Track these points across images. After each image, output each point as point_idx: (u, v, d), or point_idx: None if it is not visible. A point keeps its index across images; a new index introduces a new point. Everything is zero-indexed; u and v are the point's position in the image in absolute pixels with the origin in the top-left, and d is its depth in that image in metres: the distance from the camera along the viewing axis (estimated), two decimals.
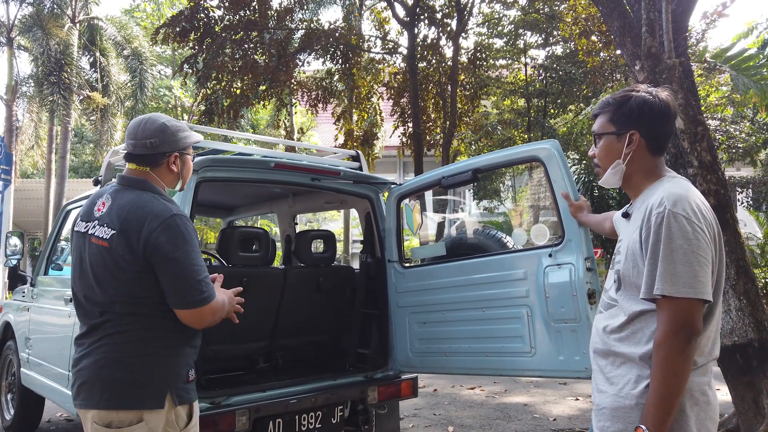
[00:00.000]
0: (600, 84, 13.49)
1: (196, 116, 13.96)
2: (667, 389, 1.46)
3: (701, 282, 1.48)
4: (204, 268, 1.86)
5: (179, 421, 1.84)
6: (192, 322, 1.87)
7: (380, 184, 3.88)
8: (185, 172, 2.06)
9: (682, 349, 1.46)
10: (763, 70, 4.40)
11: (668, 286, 1.48)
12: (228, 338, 3.53)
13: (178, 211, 1.87)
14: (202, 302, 1.82)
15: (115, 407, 1.78)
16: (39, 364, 4.14)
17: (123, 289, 1.83)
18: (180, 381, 1.86)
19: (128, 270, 1.81)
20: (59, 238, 4.62)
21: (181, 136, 2.01)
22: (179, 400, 1.84)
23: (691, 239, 1.49)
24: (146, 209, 1.84)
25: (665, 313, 1.49)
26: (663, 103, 1.67)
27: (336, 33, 11.91)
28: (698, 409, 1.54)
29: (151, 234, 1.79)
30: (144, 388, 1.80)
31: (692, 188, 1.64)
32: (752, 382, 3.85)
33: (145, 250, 1.79)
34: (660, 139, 1.70)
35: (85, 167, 26.86)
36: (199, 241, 1.92)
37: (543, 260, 2.93)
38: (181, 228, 1.82)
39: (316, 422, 3.28)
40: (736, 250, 4.01)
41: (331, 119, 15.23)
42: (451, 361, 3.40)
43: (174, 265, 1.79)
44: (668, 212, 1.51)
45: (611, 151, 1.72)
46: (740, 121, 15.05)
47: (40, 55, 16.17)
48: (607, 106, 1.74)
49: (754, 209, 16.26)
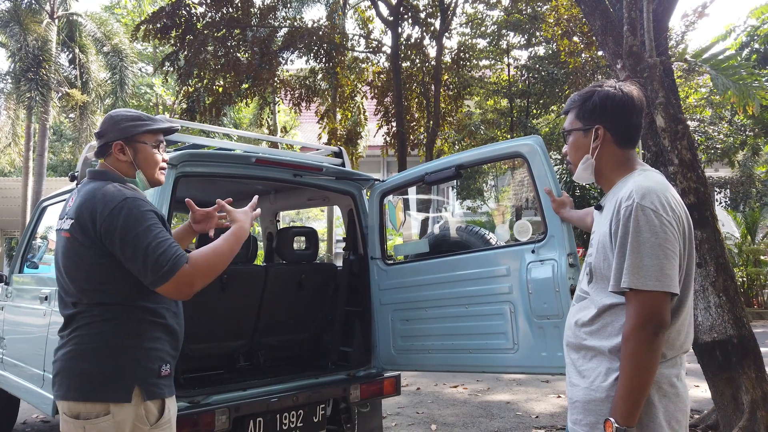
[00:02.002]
0: (582, 84, 13.59)
1: (177, 114, 13.80)
2: (635, 382, 1.47)
3: (668, 275, 1.48)
4: (164, 241, 1.79)
5: (149, 416, 1.81)
6: (176, 295, 1.83)
7: (363, 180, 3.85)
8: (142, 161, 2.00)
9: (650, 342, 1.46)
10: (742, 71, 4.44)
11: (635, 279, 1.48)
12: (208, 336, 3.47)
13: (131, 195, 1.86)
14: (168, 274, 1.76)
15: (82, 399, 1.78)
16: (14, 364, 4.05)
17: (87, 278, 1.83)
18: (151, 375, 1.83)
19: (88, 256, 1.82)
20: (35, 235, 4.52)
21: (128, 124, 1.97)
22: (149, 395, 1.81)
23: (658, 232, 1.49)
24: (99, 196, 1.84)
25: (633, 307, 1.49)
26: (626, 95, 1.67)
27: (319, 31, 11.85)
28: (667, 401, 1.54)
29: (105, 219, 1.79)
30: (111, 381, 1.78)
31: (663, 181, 1.63)
32: (731, 378, 3.90)
33: (101, 236, 1.80)
34: (626, 132, 1.70)
35: (64, 165, 26.44)
36: (160, 219, 1.88)
37: (526, 256, 2.92)
38: (133, 210, 1.81)
39: (297, 421, 3.24)
40: (716, 248, 4.06)
41: (315, 118, 15.16)
42: (434, 358, 3.38)
43: (131, 247, 1.77)
44: (636, 205, 1.51)
45: (580, 146, 1.74)
46: (718, 123, 15.30)
47: (18, 51, 15.89)
48: (573, 103, 1.76)
49: (731, 209, 16.55)
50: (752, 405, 3.80)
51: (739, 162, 16.69)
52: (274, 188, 4.57)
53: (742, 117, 12.57)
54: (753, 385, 3.84)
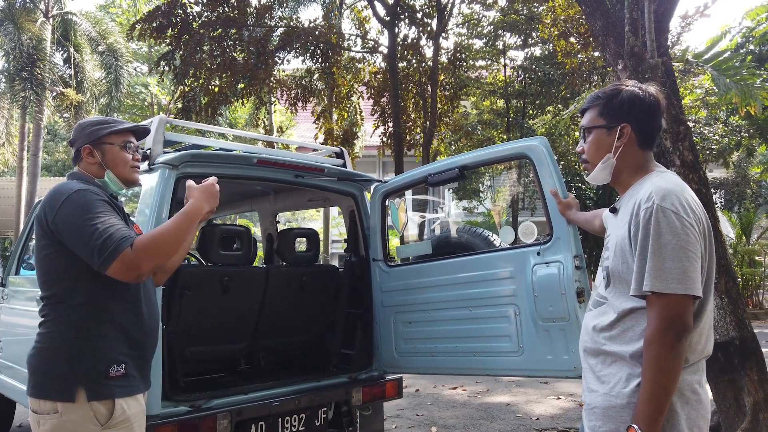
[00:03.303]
0: (578, 85, 13.61)
1: (173, 114, 13.73)
2: (658, 387, 1.44)
3: (691, 278, 1.45)
4: (112, 226, 1.82)
5: (99, 416, 1.83)
6: (124, 277, 1.82)
7: (365, 181, 3.82)
8: (110, 162, 2.06)
9: (673, 346, 1.44)
10: (743, 71, 4.44)
11: (657, 282, 1.45)
12: (208, 339, 3.44)
13: (83, 187, 1.92)
14: (110, 258, 1.77)
15: (35, 395, 1.87)
16: (10, 367, 4.00)
17: (42, 272, 1.93)
18: (96, 376, 1.85)
19: (40, 249, 1.91)
20: (31, 236, 4.47)
21: (92, 129, 2.06)
22: (94, 395, 1.83)
23: (680, 234, 1.47)
24: (53, 191, 1.93)
25: (655, 310, 1.47)
26: (653, 97, 1.67)
27: (316, 31, 11.82)
28: (689, 408, 1.52)
29: (57, 209, 1.86)
30: (56, 381, 1.84)
31: (681, 182, 1.62)
32: (733, 380, 3.88)
33: (52, 227, 1.87)
34: (650, 133, 1.69)
35: (58, 165, 26.28)
36: (115, 209, 1.93)
37: (531, 258, 2.90)
38: (82, 200, 1.87)
39: (299, 425, 3.21)
40: (717, 249, 4.02)
41: (311, 118, 15.11)
42: (438, 361, 3.35)
43: (76, 233, 1.83)
44: (657, 207, 1.49)
45: (601, 145, 1.70)
46: (714, 123, 15.34)
47: (12, 50, 15.76)
48: (597, 100, 1.72)
49: (726, 210, 16.61)
50: (755, 407, 3.79)
51: (734, 163, 16.74)
52: (274, 189, 4.53)
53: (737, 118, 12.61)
54: (755, 387, 3.83)
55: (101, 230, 1.80)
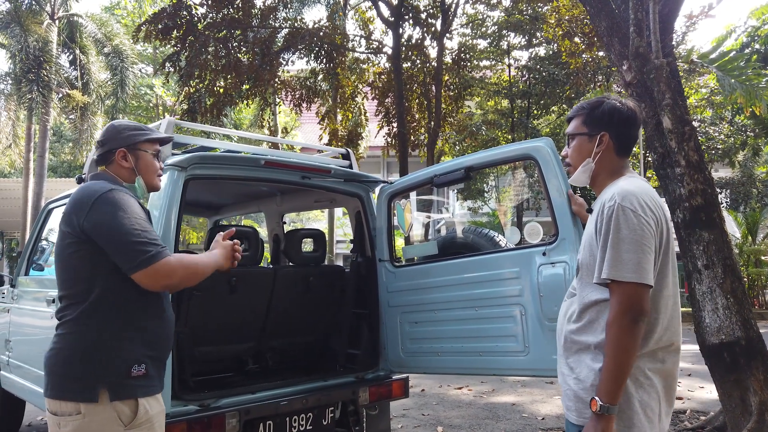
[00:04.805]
0: (583, 85, 13.60)
1: (178, 115, 13.79)
2: (617, 363, 1.62)
3: (644, 268, 1.63)
4: (149, 232, 1.87)
5: (122, 416, 1.83)
6: (149, 285, 1.86)
7: (371, 182, 3.84)
8: (143, 168, 2.10)
9: (630, 328, 1.61)
10: (748, 71, 4.45)
11: (614, 271, 1.64)
12: (216, 339, 3.46)
13: (116, 188, 1.94)
14: (146, 262, 1.81)
15: (56, 397, 1.85)
16: (19, 366, 4.04)
17: (66, 272, 1.91)
18: (118, 376, 1.85)
19: (67, 249, 1.90)
20: (41, 237, 4.51)
21: (130, 133, 2.09)
22: (116, 396, 1.83)
23: (636, 230, 1.65)
24: (86, 190, 1.93)
25: (614, 297, 1.65)
26: (631, 110, 1.86)
27: (320, 32, 11.85)
28: (642, 391, 1.70)
29: (90, 210, 1.86)
30: (77, 381, 1.83)
31: (645, 186, 1.79)
32: (739, 379, 3.88)
33: (83, 227, 1.86)
34: (627, 142, 1.88)
35: (64, 166, 26.41)
36: (144, 214, 1.96)
37: (536, 259, 2.92)
38: (116, 199, 1.88)
39: (307, 424, 3.23)
40: (723, 249, 4.04)
41: (316, 119, 15.16)
42: (444, 360, 3.37)
43: (114, 232, 1.83)
44: (618, 206, 1.68)
45: (583, 150, 1.89)
46: (719, 123, 15.30)
47: (18, 52, 15.86)
48: (581, 110, 1.92)
49: (732, 209, 16.57)
50: (761, 407, 3.79)
51: (740, 162, 16.72)
52: (280, 190, 4.56)
53: (743, 118, 12.57)
54: (761, 387, 3.83)
55: (140, 232, 1.83)
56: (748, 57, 9.59)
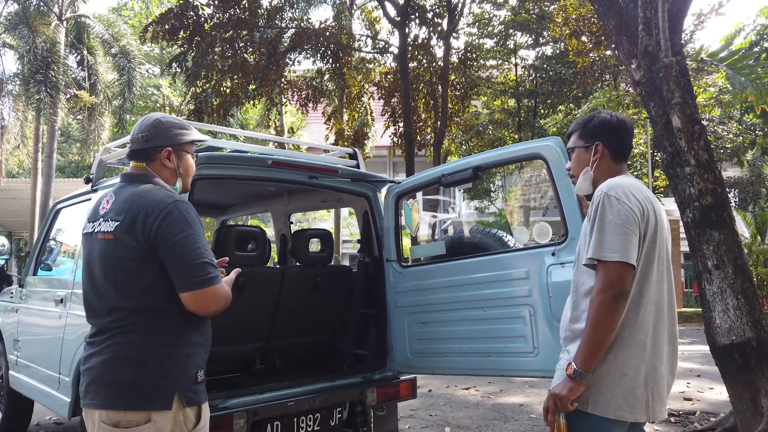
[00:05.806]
0: (590, 84, 13.54)
1: (185, 115, 13.84)
2: (594, 336, 1.75)
3: (627, 249, 1.76)
4: (209, 252, 1.84)
5: (187, 422, 1.81)
6: (196, 307, 1.82)
7: (378, 182, 3.83)
8: (184, 170, 2.04)
9: (610, 304, 1.73)
10: (758, 69, 4.40)
11: (599, 251, 1.77)
12: (224, 339, 3.45)
13: (180, 198, 1.88)
14: (204, 283, 1.79)
15: (122, 407, 1.77)
16: (28, 366, 4.05)
17: (127, 282, 1.82)
18: (188, 382, 1.82)
19: (130, 259, 1.81)
20: (49, 238, 4.52)
21: (176, 132, 2.01)
22: (187, 402, 1.81)
23: (619, 214, 1.79)
24: (148, 198, 1.84)
25: (599, 275, 1.78)
26: (620, 120, 2.05)
27: (326, 32, 11.85)
28: (614, 385, 1.79)
29: (155, 221, 1.79)
30: (151, 389, 1.77)
31: (634, 181, 1.96)
32: (750, 381, 3.85)
33: (149, 238, 1.79)
34: (620, 149, 2.04)
35: (72, 167, 26.54)
36: (203, 228, 1.90)
37: (546, 259, 2.89)
38: (183, 213, 1.83)
39: (314, 424, 3.22)
40: (734, 249, 4.01)
41: (322, 119, 15.16)
42: (452, 361, 3.35)
43: (177, 248, 1.79)
44: (603, 194, 1.84)
45: (582, 161, 2.07)
46: (727, 122, 15.21)
47: (27, 53, 15.96)
48: (576, 127, 2.12)
49: (741, 209, 16.46)
50: None
51: (749, 162, 16.60)
52: (288, 190, 4.56)
53: (752, 117, 12.48)
54: None
55: (203, 251, 1.80)
56: (758, 55, 9.53)
